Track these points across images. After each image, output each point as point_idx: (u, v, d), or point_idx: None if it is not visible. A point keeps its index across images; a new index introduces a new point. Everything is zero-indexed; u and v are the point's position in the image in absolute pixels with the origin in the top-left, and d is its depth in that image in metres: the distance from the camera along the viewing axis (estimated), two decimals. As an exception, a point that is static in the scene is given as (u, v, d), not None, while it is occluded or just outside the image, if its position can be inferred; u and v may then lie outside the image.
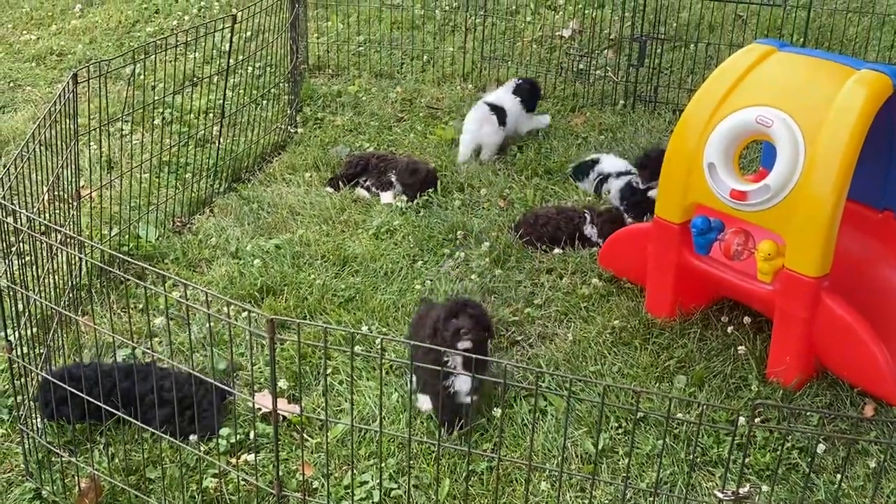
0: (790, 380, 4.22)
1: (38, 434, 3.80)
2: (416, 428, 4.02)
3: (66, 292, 4.54)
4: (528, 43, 8.26)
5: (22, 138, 6.44)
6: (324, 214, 5.65)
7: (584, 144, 6.57)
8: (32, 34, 8.67)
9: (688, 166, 4.35)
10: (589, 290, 4.93)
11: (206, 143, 6.32)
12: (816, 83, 4.26)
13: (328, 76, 7.81)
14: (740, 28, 7.85)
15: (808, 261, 4.06)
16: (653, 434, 3.99)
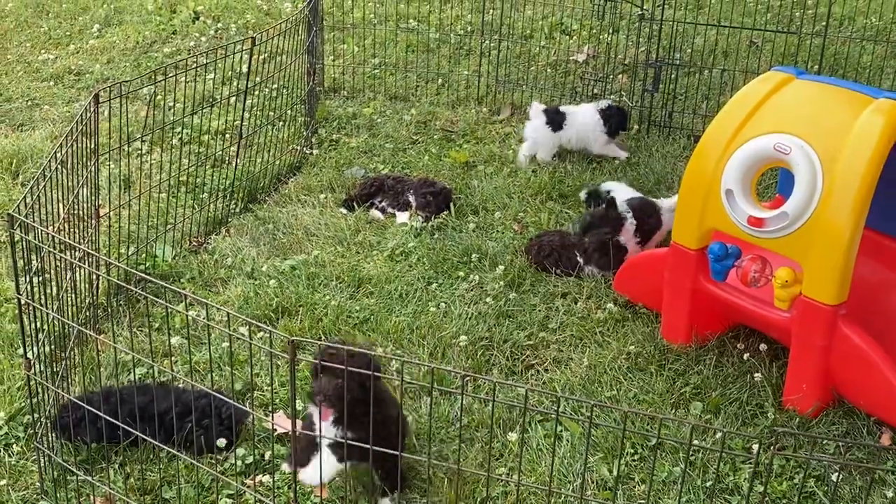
0: (807, 408, 4.20)
1: (54, 452, 3.81)
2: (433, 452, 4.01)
3: (84, 310, 4.56)
4: (542, 67, 8.30)
5: (40, 156, 6.48)
6: (339, 236, 5.67)
7: (599, 169, 6.59)
8: (51, 53, 8.74)
9: (705, 192, 4.36)
10: (604, 314, 4.93)
11: (222, 164, 6.36)
12: (834, 111, 4.27)
13: (344, 98, 7.85)
14: (755, 55, 7.88)
15: (825, 288, 4.05)
16: (669, 461, 3.97)
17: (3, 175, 6.33)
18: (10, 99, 7.74)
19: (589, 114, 6.71)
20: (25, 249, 3.56)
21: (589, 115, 6.70)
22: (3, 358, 4.52)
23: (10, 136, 6.97)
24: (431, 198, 5.87)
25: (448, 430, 4.13)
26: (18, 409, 4.20)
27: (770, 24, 8.80)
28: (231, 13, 9.84)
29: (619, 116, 6.71)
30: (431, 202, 5.86)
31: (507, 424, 4.16)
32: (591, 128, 6.68)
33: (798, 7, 8.86)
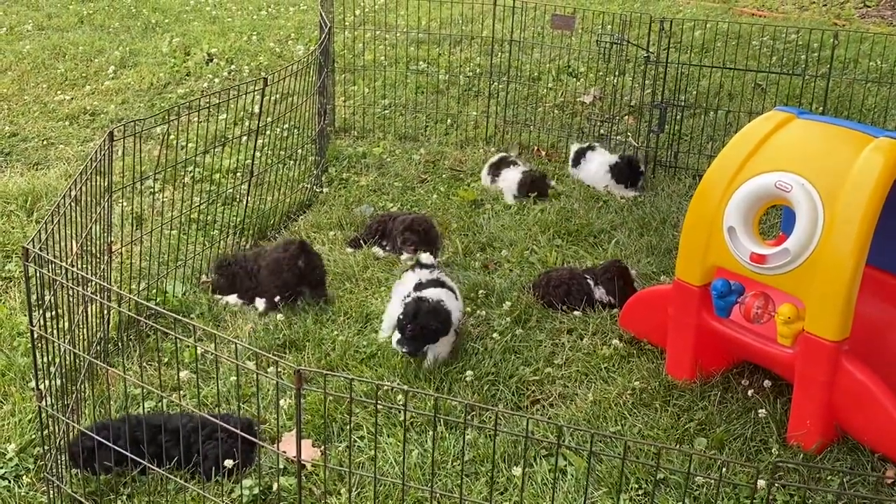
0: (811, 444, 4.21)
1: (63, 483, 3.84)
2: (437, 485, 4.03)
3: (95, 344, 4.62)
4: (549, 108, 8.41)
5: (54, 194, 6.59)
6: (347, 272, 5.74)
7: (605, 208, 6.66)
8: (66, 94, 8.91)
9: (708, 229, 4.41)
10: (609, 350, 4.97)
11: (233, 202, 6.45)
12: (835, 150, 4.34)
13: (353, 138, 7.97)
14: (760, 96, 7.97)
15: (827, 324, 4.08)
16: (672, 496, 3.98)
17: (18, 212, 6.44)
18: (26, 138, 7.88)
19: (605, 160, 7.02)
20: (39, 284, 3.63)
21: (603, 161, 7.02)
22: (15, 391, 4.58)
23: (25, 174, 7.10)
24: (415, 237, 5.93)
25: (452, 463, 4.16)
26: (29, 440, 4.25)
27: (775, 66, 8.92)
28: (244, 55, 10.03)
29: (625, 167, 6.91)
30: (415, 242, 5.92)
31: (512, 459, 4.18)
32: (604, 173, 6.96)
33: (803, 50, 8.98)
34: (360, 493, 3.98)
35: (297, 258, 5.30)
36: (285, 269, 5.28)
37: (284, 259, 5.31)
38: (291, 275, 5.29)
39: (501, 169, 6.94)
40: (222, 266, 5.50)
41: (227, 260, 5.56)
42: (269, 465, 4.10)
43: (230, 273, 5.46)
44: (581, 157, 7.11)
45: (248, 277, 5.43)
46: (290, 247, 5.38)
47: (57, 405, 3.87)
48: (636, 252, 6.03)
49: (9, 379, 4.66)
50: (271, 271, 5.32)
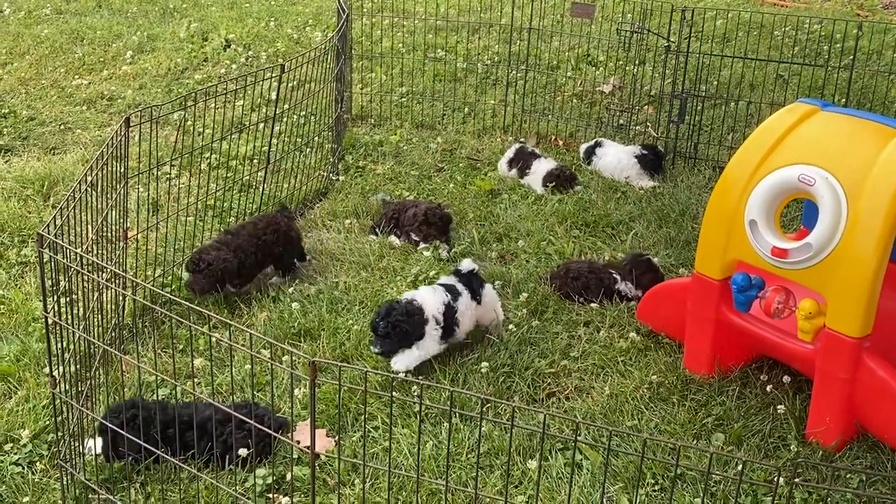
0: (830, 441, 4.16)
1: (77, 471, 3.84)
2: (451, 477, 4.00)
3: (110, 331, 4.61)
4: (568, 97, 8.34)
5: (71, 179, 6.59)
6: (363, 261, 5.71)
7: (623, 199, 6.60)
8: (84, 79, 8.91)
9: (729, 223, 4.35)
10: (626, 344, 4.92)
11: (249, 189, 6.43)
12: (859, 143, 4.26)
13: (370, 126, 7.93)
14: (781, 87, 7.88)
15: (849, 321, 4.03)
16: (689, 492, 3.94)
17: (34, 197, 6.44)
18: (43, 123, 7.88)
19: (626, 150, 7.01)
20: (54, 269, 3.61)
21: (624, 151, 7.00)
22: (30, 377, 4.57)
23: (42, 158, 7.10)
24: (426, 228, 5.89)
25: (467, 456, 4.13)
26: (43, 427, 4.25)
27: (797, 57, 8.81)
28: (262, 41, 9.99)
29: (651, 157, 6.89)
30: (429, 233, 5.88)
31: (527, 452, 4.15)
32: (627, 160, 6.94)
33: (826, 41, 8.86)
34: (374, 483, 3.96)
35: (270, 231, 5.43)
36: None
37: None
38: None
39: (531, 162, 6.87)
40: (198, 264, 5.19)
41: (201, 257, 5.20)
42: (283, 454, 4.09)
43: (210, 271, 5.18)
44: (592, 154, 7.06)
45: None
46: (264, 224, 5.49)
47: (71, 392, 3.86)
48: (654, 244, 5.97)
49: (23, 364, 4.66)
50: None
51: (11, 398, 4.45)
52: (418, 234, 5.87)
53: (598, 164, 7.01)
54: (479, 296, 4.87)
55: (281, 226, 5.50)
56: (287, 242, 5.51)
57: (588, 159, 7.08)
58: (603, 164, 6.97)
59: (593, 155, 7.04)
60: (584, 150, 7.14)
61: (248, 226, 5.49)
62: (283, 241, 5.49)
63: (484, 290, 4.92)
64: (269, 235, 5.41)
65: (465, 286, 4.84)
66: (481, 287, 4.90)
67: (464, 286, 4.84)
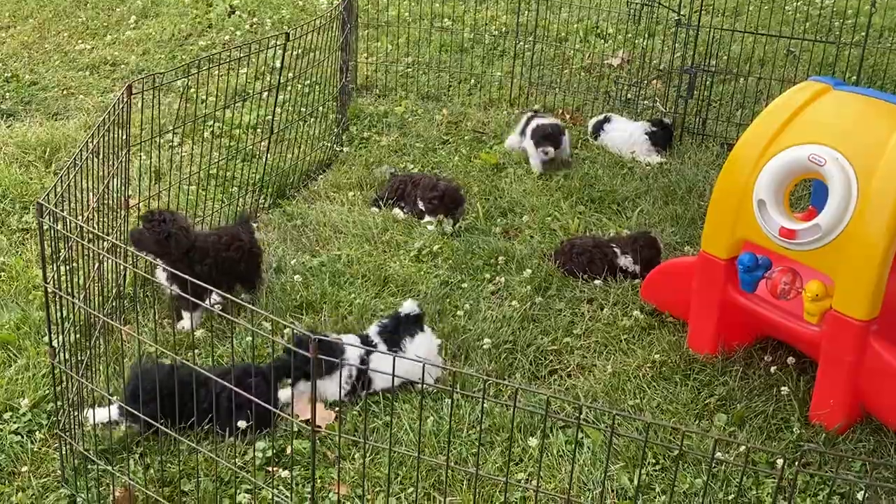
0: (833, 424, 4.13)
1: (76, 441, 3.83)
2: (451, 454, 3.99)
3: (110, 301, 4.58)
4: (576, 70, 8.26)
5: (73, 145, 6.53)
6: (366, 234, 5.66)
7: (630, 175, 6.53)
8: (87, 44, 8.82)
9: (737, 202, 4.30)
10: (630, 322, 4.89)
11: (252, 159, 6.37)
12: (871, 123, 4.20)
13: (375, 96, 7.85)
14: (791, 63, 7.78)
15: (856, 303, 3.99)
16: (690, 472, 3.92)
17: (36, 163, 6.39)
18: (45, 87, 7.82)
19: (635, 126, 6.92)
20: (54, 238, 3.58)
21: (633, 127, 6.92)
22: (30, 345, 4.55)
23: (44, 124, 7.04)
24: (437, 202, 5.83)
25: (468, 432, 4.11)
26: (42, 396, 4.23)
27: (808, 33, 8.70)
28: (267, 8, 9.89)
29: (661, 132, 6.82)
30: (438, 206, 5.82)
31: (528, 429, 4.13)
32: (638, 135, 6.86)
33: (837, 17, 8.74)
34: (374, 458, 3.95)
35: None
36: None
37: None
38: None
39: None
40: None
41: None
42: (284, 428, 4.07)
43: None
44: (600, 129, 6.99)
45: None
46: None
47: (71, 361, 3.84)
48: (660, 221, 5.92)
49: (24, 333, 4.64)
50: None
51: (11, 366, 4.43)
52: (428, 206, 5.81)
53: (605, 140, 6.94)
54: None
55: (244, 242, 4.94)
56: (250, 259, 4.97)
57: (595, 134, 7.01)
58: (610, 139, 6.90)
59: (601, 130, 6.97)
60: (592, 124, 7.07)
61: (212, 237, 4.93)
62: (247, 259, 4.95)
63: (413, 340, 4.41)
64: (232, 252, 4.86)
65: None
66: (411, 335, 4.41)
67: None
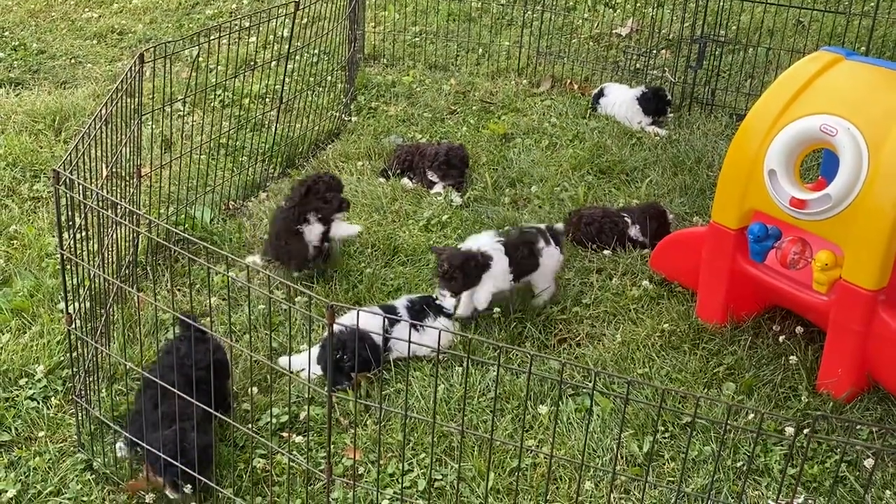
0: (841, 392, 4.17)
1: (91, 406, 3.87)
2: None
3: (124, 268, 4.61)
4: (584, 40, 8.23)
5: (82, 114, 6.54)
6: (375, 204, 5.68)
7: (639, 145, 6.54)
8: (94, 12, 8.80)
9: (748, 172, 4.31)
10: (639, 291, 4.91)
11: (261, 128, 6.38)
12: (884, 94, 4.20)
13: (383, 66, 7.84)
14: (801, 34, 7.76)
15: (865, 273, 4.01)
16: (700, 440, 3.97)
17: (46, 131, 6.40)
18: (53, 56, 7.81)
19: (627, 94, 6.90)
20: (69, 206, 3.60)
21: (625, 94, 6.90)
22: (44, 312, 4.59)
23: (53, 92, 7.04)
24: (447, 168, 5.85)
25: (479, 400, 4.15)
26: (58, 362, 4.27)
27: (818, 3, 8.65)
28: (273, -23, 9.83)
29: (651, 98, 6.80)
30: (450, 173, 5.85)
31: (538, 397, 4.17)
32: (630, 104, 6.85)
33: (847, -14, 8.70)
34: (387, 425, 3.99)
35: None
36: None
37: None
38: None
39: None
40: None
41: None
42: (297, 394, 4.11)
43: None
44: (597, 101, 7.02)
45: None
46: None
47: (85, 328, 3.88)
48: (669, 192, 5.93)
49: (37, 300, 4.68)
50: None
51: (25, 333, 4.47)
52: (437, 172, 5.83)
53: (606, 111, 6.93)
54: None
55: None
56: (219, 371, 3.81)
57: (594, 107, 7.00)
58: (606, 102, 6.91)
59: (598, 103, 6.97)
60: (594, 94, 7.08)
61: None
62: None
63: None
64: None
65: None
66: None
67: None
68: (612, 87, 7.04)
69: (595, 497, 3.68)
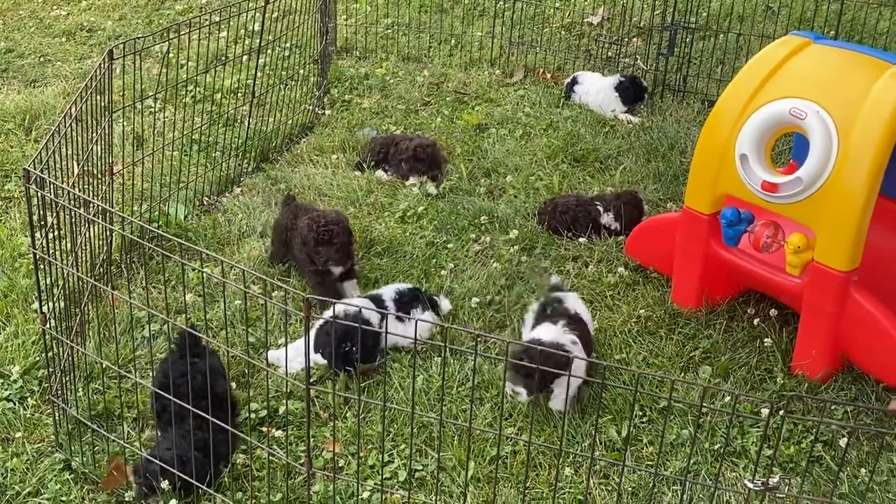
0: (816, 373, 4.22)
1: (68, 406, 3.85)
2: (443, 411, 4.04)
3: (98, 266, 4.58)
4: (556, 29, 8.24)
5: (52, 113, 6.49)
6: (350, 196, 5.68)
7: (612, 133, 6.56)
8: (63, 9, 8.71)
9: (719, 157, 4.34)
10: (615, 278, 4.94)
11: (234, 123, 6.35)
12: (851, 77, 4.24)
13: (356, 58, 7.81)
14: (770, 19, 7.80)
15: (837, 255, 4.05)
16: (677, 423, 4.00)
17: (16, 131, 6.34)
18: (22, 55, 7.72)
19: (602, 83, 6.92)
20: (41, 205, 3.57)
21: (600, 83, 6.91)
22: (18, 312, 4.56)
23: (22, 91, 6.97)
24: (417, 163, 5.85)
25: (459, 389, 4.17)
26: (33, 363, 4.25)
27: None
28: (243, -29, 9.76)
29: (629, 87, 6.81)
30: (419, 168, 5.85)
31: (518, 385, 4.18)
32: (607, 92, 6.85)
33: (816, -29, 8.75)
34: (366, 417, 4.00)
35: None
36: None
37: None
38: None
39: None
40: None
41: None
42: (276, 388, 4.11)
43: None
44: (571, 90, 7.03)
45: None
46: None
47: (60, 327, 3.86)
48: (643, 179, 5.96)
49: (11, 300, 4.64)
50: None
51: (0, 334, 4.44)
52: (408, 166, 5.83)
53: (580, 97, 6.94)
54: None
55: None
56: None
57: (568, 94, 7.02)
58: (581, 90, 6.93)
59: (572, 91, 6.99)
60: (567, 84, 7.10)
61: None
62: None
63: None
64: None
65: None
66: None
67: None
68: (586, 76, 7.06)
69: (575, 483, 3.71)
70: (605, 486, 3.70)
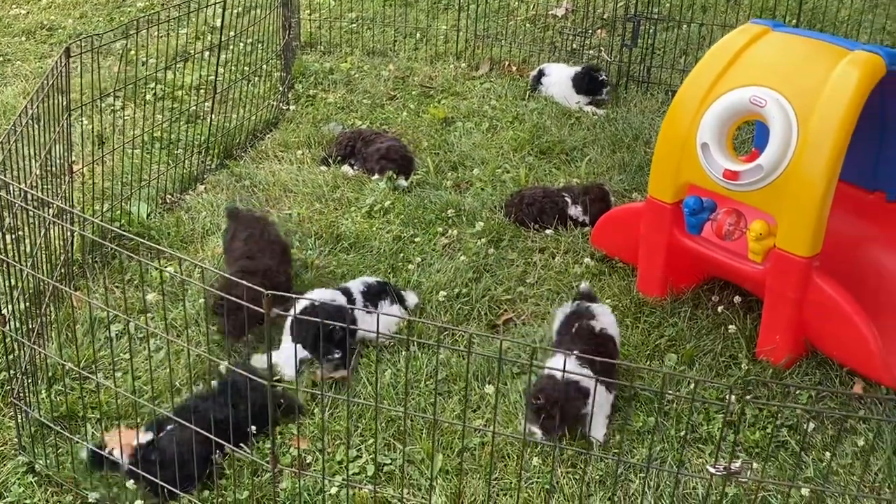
0: (780, 359, 4.25)
1: (31, 408, 3.80)
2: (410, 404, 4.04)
3: (59, 267, 4.53)
4: (521, 22, 8.25)
5: (12, 113, 6.40)
6: (316, 192, 5.65)
7: (577, 125, 6.58)
8: (22, 8, 8.60)
9: (681, 146, 4.36)
10: (581, 269, 4.95)
11: (197, 119, 6.30)
12: (810, 64, 4.27)
13: (320, 53, 7.78)
14: (733, 9, 7.86)
15: (799, 241, 4.08)
16: (643, 411, 4.02)
17: (-26, 132, 6.25)
18: (-20, 55, 7.63)
19: (562, 73, 6.93)
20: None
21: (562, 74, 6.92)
22: (-22, 315, 4.49)
23: (-20, 92, 6.88)
24: (387, 162, 5.83)
25: (425, 383, 4.16)
26: (-6, 366, 4.19)
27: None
28: (205, -33, 9.68)
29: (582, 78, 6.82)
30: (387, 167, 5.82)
31: (484, 377, 4.19)
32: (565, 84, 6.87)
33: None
34: (333, 413, 3.98)
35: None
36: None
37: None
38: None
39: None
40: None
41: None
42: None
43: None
44: (539, 80, 7.03)
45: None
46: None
47: (22, 329, 3.80)
48: (608, 169, 5.98)
49: (-29, 303, 4.57)
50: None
51: (-40, 338, 4.37)
52: (375, 166, 5.81)
53: (547, 88, 6.96)
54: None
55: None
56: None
57: (535, 87, 7.02)
58: (548, 82, 6.94)
59: (539, 84, 7.00)
60: (533, 76, 7.11)
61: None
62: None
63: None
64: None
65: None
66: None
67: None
68: (552, 68, 7.07)
69: (542, 472, 3.71)
70: (572, 475, 3.71)
